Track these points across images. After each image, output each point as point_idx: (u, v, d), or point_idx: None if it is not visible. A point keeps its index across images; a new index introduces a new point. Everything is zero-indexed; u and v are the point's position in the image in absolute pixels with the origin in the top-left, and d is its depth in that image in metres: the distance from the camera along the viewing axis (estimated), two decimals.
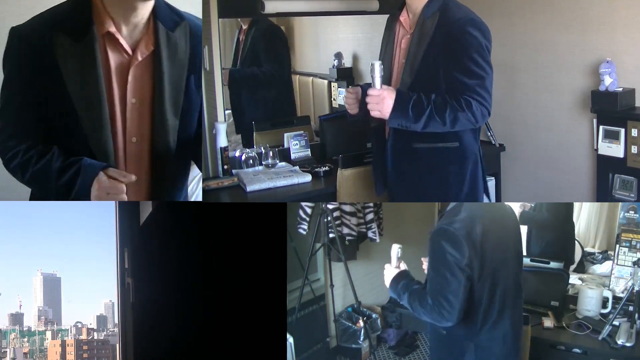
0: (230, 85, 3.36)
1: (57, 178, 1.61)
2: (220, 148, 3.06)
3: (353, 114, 2.25)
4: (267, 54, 3.49)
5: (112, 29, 1.64)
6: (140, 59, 1.68)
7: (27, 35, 1.63)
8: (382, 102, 1.98)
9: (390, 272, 1.94)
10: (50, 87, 1.63)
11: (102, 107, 1.64)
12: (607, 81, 2.79)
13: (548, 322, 2.57)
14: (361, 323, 3.16)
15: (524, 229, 3.12)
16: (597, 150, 2.93)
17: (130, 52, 1.68)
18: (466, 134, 2.13)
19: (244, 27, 3.44)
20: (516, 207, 3.14)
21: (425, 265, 1.89)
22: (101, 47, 1.65)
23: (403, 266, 1.93)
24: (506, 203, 2.00)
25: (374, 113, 2.02)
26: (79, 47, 1.62)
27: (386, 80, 2.17)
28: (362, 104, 2.17)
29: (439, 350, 1.93)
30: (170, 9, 1.77)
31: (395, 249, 1.95)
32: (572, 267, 3.15)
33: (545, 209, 3.16)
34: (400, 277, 1.89)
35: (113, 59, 1.66)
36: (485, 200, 2.35)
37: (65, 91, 1.62)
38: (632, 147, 2.79)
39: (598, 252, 3.37)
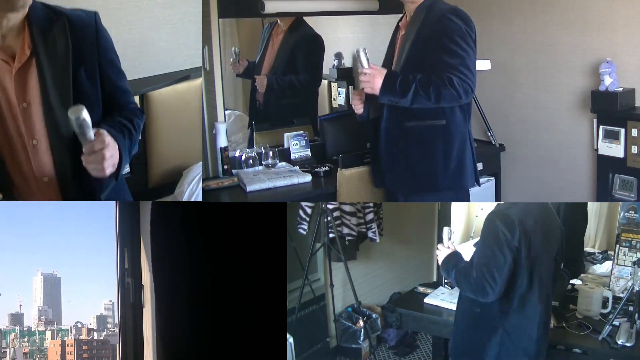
0: (266, 91, 3.39)
1: None
2: (220, 148, 3.06)
3: (360, 114, 2.53)
4: (307, 63, 3.50)
5: None
6: (19, 64, 1.70)
7: None
8: (373, 79, 2.24)
9: (442, 252, 2.08)
10: None
11: None
12: (607, 81, 2.79)
13: None
14: (361, 323, 3.16)
15: None
16: (597, 150, 2.93)
17: (8, 59, 1.69)
18: (454, 114, 2.34)
19: (282, 27, 3.42)
20: None
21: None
22: None
23: (453, 247, 2.08)
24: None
25: (367, 89, 2.28)
26: None
27: None
28: (367, 106, 2.49)
29: (467, 330, 2.02)
30: (46, 8, 1.76)
31: (447, 231, 2.12)
32: (581, 275, 3.14)
33: (562, 221, 3.12)
34: (452, 256, 2.04)
35: None
36: (476, 187, 2.48)
37: None
38: (632, 147, 2.79)
39: (598, 252, 3.37)
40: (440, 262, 2.07)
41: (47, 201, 1.79)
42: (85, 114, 1.57)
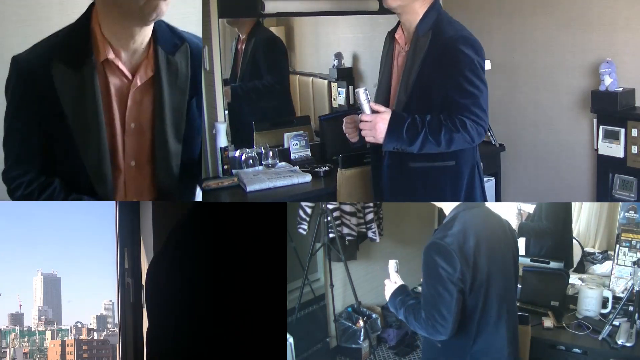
0: (232, 101, 3.37)
1: None
2: (220, 148, 3.06)
3: (354, 142, 2.25)
4: (269, 65, 3.49)
5: (111, 56, 1.64)
6: (139, 83, 1.69)
7: (27, 65, 1.65)
8: (375, 128, 1.99)
9: (389, 287, 1.96)
10: (49, 116, 1.64)
11: (99, 131, 1.65)
12: (607, 81, 2.79)
13: (548, 322, 2.57)
14: (361, 323, 3.16)
15: (522, 241, 3.10)
16: (597, 150, 2.93)
17: (130, 77, 1.68)
18: (463, 152, 2.11)
19: (242, 36, 3.44)
20: (513, 218, 3.12)
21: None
22: (100, 74, 1.65)
23: (400, 281, 1.96)
24: (500, 211, 1.97)
25: (369, 139, 2.03)
26: (77, 76, 1.63)
27: (384, 96, 2.20)
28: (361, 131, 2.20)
29: None
30: (171, 32, 1.76)
31: (392, 264, 1.99)
32: (572, 269, 3.14)
33: (544, 217, 3.14)
34: (398, 292, 1.93)
35: (113, 84, 1.67)
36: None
37: (63, 119, 1.64)
38: (632, 147, 2.79)
39: (598, 252, 3.37)
40: (387, 298, 1.95)
41: (47, 201, 1.79)
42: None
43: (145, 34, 1.68)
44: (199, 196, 2.85)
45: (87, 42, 1.63)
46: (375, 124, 1.98)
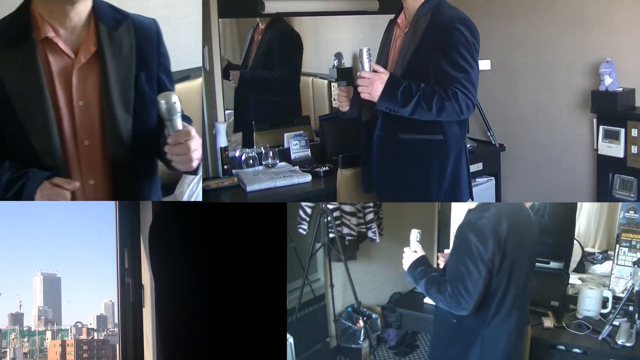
0: (239, 86, 3.36)
1: (5, 190, 1.62)
2: (220, 148, 3.06)
3: (344, 111, 2.36)
4: (282, 59, 3.47)
5: (51, 34, 1.64)
6: (83, 60, 1.67)
7: None
8: (372, 85, 2.07)
9: (409, 256, 1.97)
10: None
11: (46, 112, 1.63)
12: (607, 81, 2.79)
13: (548, 322, 2.57)
14: (361, 323, 3.16)
15: None
16: (597, 150, 2.93)
17: (72, 55, 1.67)
18: (452, 128, 2.21)
19: (261, 26, 3.42)
20: None
21: (442, 261, 1.98)
22: (42, 53, 1.64)
23: (421, 251, 1.97)
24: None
25: (364, 95, 2.10)
26: (18, 55, 1.62)
27: None
28: (354, 102, 2.32)
29: (445, 340, 1.97)
30: (112, 9, 1.75)
31: (414, 234, 1.99)
32: (582, 275, 3.14)
33: (546, 214, 3.14)
34: (419, 262, 1.94)
35: (54, 63, 1.66)
36: (476, 187, 2.39)
37: (8, 100, 1.62)
38: (632, 147, 2.79)
39: (598, 252, 3.37)
40: (406, 268, 1.97)
41: (47, 201, 1.79)
42: (176, 99, 1.57)
43: (79, 11, 1.67)
44: (199, 196, 2.86)
45: (27, 22, 1.63)
46: (373, 81, 2.07)
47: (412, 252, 1.96)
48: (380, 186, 2.36)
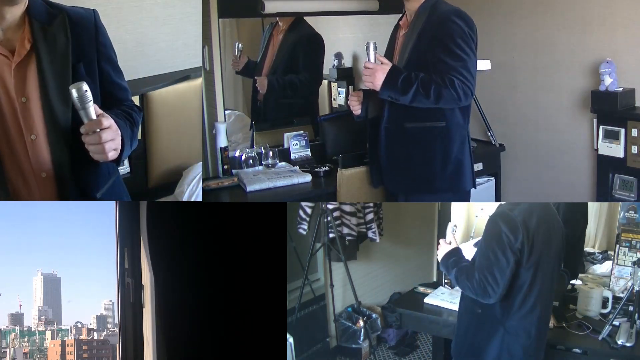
0: (267, 92, 3.39)
1: None
2: (220, 148, 3.06)
3: (357, 115, 2.53)
4: (308, 62, 3.49)
5: None
6: (18, 59, 1.70)
7: None
8: (375, 75, 2.23)
9: (443, 247, 2.05)
10: None
11: None
12: (607, 81, 2.79)
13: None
14: (361, 323, 3.16)
15: None
16: (597, 150, 2.93)
17: (8, 54, 1.69)
18: (454, 116, 2.35)
19: (282, 26, 3.42)
20: None
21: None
22: None
23: (455, 243, 2.04)
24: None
25: (367, 84, 2.27)
26: None
27: None
28: (364, 106, 2.49)
29: (469, 329, 2.03)
30: (47, 5, 1.77)
31: (451, 227, 2.08)
32: (581, 275, 3.13)
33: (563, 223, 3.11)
34: (452, 253, 2.01)
35: None
36: (473, 191, 2.55)
37: None
38: (632, 147, 2.79)
39: (598, 252, 3.37)
40: (440, 258, 2.06)
41: (47, 201, 1.79)
42: (87, 88, 1.58)
43: (15, 11, 1.69)
44: (199, 196, 2.86)
45: None
46: (376, 71, 2.23)
47: (446, 244, 2.04)
48: (389, 175, 2.50)
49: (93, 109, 1.60)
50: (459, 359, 2.08)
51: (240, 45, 3.34)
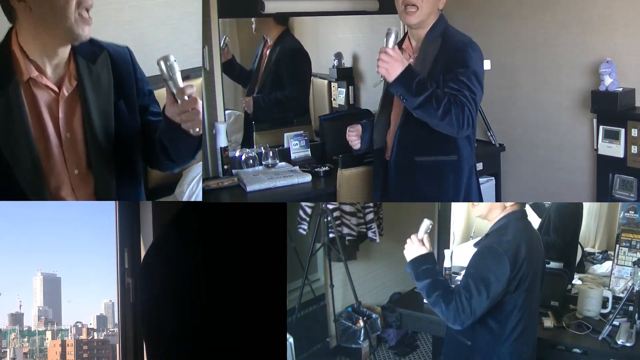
0: (254, 112, 3.40)
1: None
2: (220, 148, 3.06)
3: (357, 149, 2.46)
4: (292, 77, 3.49)
5: (34, 74, 1.71)
6: (67, 94, 1.76)
7: None
8: (392, 64, 2.06)
9: (415, 248, 1.89)
10: None
11: (30, 148, 1.71)
12: (607, 81, 2.79)
13: (548, 322, 2.57)
14: (361, 323, 3.16)
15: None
16: (597, 150, 2.93)
17: (56, 89, 1.75)
18: (464, 148, 2.26)
19: (269, 42, 3.44)
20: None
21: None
22: (27, 92, 1.72)
23: (429, 246, 1.90)
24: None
25: (382, 70, 2.09)
26: (3, 97, 1.69)
27: (389, 102, 2.36)
28: (363, 139, 2.43)
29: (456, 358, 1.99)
30: (89, 42, 1.82)
31: (426, 224, 1.92)
32: (581, 275, 3.14)
33: (552, 230, 3.10)
34: (425, 259, 1.87)
35: (41, 99, 1.74)
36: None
37: None
38: (632, 147, 2.79)
39: (598, 252, 3.37)
40: (409, 258, 1.89)
41: (47, 201, 1.80)
42: (174, 58, 1.64)
43: (67, 49, 1.76)
44: (199, 196, 2.86)
45: (9, 64, 1.71)
46: (396, 60, 2.06)
47: (419, 244, 1.89)
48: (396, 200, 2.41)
49: (180, 78, 1.66)
50: None
51: (227, 38, 3.33)
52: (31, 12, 1.65)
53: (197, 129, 1.67)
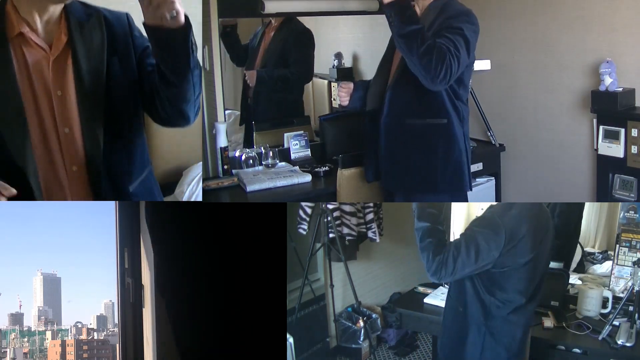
0: (256, 85, 3.40)
1: None
2: (220, 148, 3.06)
3: (344, 105, 2.54)
4: (299, 56, 3.51)
5: (25, 29, 1.70)
6: (56, 52, 1.74)
7: None
8: None
9: None
10: None
11: (18, 104, 1.69)
12: (607, 81, 2.79)
13: (548, 322, 2.57)
14: (361, 323, 3.16)
15: None
16: (597, 150, 2.93)
17: (46, 47, 1.73)
18: (453, 115, 2.32)
19: (274, 23, 3.45)
20: None
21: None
22: (16, 48, 1.70)
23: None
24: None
25: None
26: None
27: (388, 65, 2.43)
28: (353, 98, 2.51)
29: (452, 327, 2.02)
30: (83, 5, 1.82)
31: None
32: (581, 275, 3.14)
33: (556, 215, 3.12)
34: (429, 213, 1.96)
35: (30, 56, 1.72)
36: (476, 186, 2.47)
37: None
38: (632, 147, 2.79)
39: (598, 252, 3.37)
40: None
41: (47, 201, 1.80)
42: None
43: (58, 7, 1.74)
44: (199, 196, 2.86)
45: (1, 22, 1.69)
46: None
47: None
48: (389, 173, 2.45)
49: None
50: (442, 354, 2.08)
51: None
52: None
53: (174, 12, 1.60)
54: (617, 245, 2.81)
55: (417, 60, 2.10)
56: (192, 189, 2.94)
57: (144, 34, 1.81)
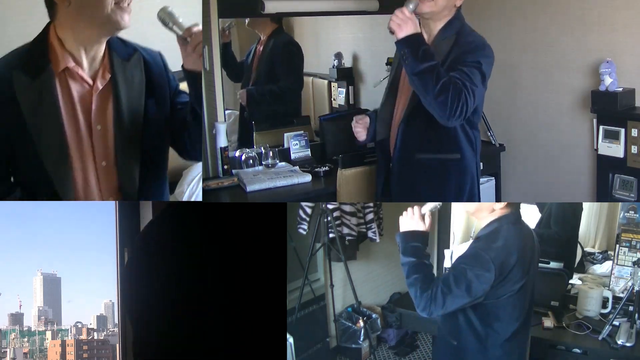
0: (247, 104, 3.42)
1: None
2: (220, 148, 3.06)
3: (361, 141, 2.45)
4: (286, 69, 3.52)
5: (71, 64, 1.77)
6: (100, 87, 1.82)
7: None
8: (407, 22, 2.04)
9: (413, 221, 1.84)
10: (11, 125, 1.74)
11: (61, 137, 1.77)
12: (607, 81, 2.79)
13: (548, 322, 2.57)
14: (361, 323, 3.16)
15: None
16: (597, 150, 2.93)
17: (90, 82, 1.81)
18: (467, 148, 2.22)
19: (262, 38, 3.46)
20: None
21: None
22: (62, 82, 1.77)
23: (428, 224, 1.84)
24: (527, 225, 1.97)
25: (393, 24, 2.06)
26: (36, 84, 1.74)
27: (394, 92, 2.30)
28: (370, 131, 2.40)
29: (442, 358, 1.97)
30: (122, 42, 1.91)
31: (435, 204, 1.88)
32: (581, 275, 3.14)
33: (553, 223, 3.11)
34: (418, 236, 1.82)
35: (75, 90, 1.79)
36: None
37: (24, 126, 1.74)
38: (632, 147, 2.79)
39: (598, 252, 3.37)
40: (402, 229, 1.84)
41: (47, 201, 1.82)
42: (170, 8, 1.79)
43: (103, 43, 1.83)
44: (199, 196, 2.86)
45: (45, 55, 1.76)
46: (410, 21, 2.04)
47: (419, 218, 1.83)
48: (398, 196, 2.35)
49: (182, 21, 1.79)
50: None
51: (233, 22, 3.35)
52: (70, 5, 1.71)
53: (197, 63, 1.80)
54: (617, 245, 2.81)
55: (432, 99, 2.01)
56: (192, 189, 2.94)
57: (174, 73, 1.99)
